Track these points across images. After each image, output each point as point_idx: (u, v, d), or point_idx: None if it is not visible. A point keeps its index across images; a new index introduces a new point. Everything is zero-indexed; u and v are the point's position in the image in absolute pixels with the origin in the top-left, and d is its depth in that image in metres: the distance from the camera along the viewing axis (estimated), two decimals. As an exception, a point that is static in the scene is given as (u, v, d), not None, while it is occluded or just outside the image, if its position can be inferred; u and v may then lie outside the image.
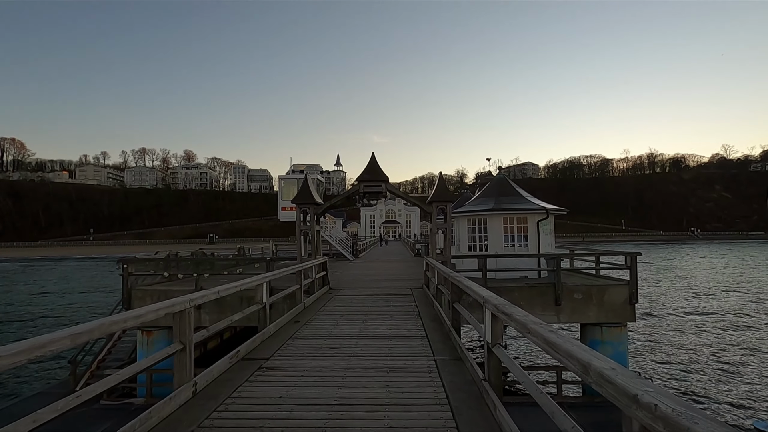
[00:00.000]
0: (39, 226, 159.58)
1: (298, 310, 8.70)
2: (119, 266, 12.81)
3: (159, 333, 12.91)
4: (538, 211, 14.90)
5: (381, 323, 7.59)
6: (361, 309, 9.12)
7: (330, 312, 8.86)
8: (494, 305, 3.65)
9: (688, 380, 13.37)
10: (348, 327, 7.31)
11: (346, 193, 11.93)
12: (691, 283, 33.59)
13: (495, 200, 15.67)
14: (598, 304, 12.55)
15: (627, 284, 12.57)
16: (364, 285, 13.76)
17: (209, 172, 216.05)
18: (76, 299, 30.61)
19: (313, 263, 10.67)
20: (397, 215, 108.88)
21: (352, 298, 10.73)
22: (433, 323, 7.47)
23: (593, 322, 12.54)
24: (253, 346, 5.81)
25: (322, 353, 5.62)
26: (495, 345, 3.84)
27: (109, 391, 13.10)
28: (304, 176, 12.02)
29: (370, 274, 18.02)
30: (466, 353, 5.07)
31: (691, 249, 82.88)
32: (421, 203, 12.02)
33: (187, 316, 4.07)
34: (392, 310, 8.86)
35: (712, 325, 19.72)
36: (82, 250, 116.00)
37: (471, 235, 15.87)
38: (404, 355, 5.46)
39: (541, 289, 12.63)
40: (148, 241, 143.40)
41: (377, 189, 11.67)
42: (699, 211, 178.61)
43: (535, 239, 14.97)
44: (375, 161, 11.89)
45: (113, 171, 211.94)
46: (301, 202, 11.75)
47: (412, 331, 6.90)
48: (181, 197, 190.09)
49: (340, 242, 28.76)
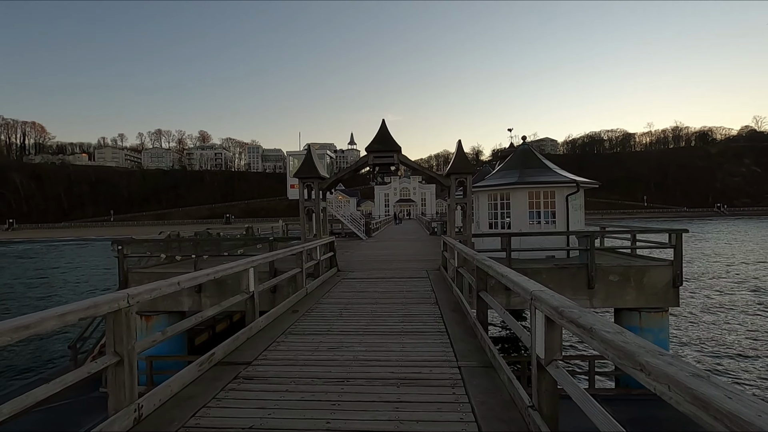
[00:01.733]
0: (62, 208, 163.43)
1: (298, 297, 7.65)
2: (114, 248, 12.01)
3: (158, 318, 12.16)
4: (568, 184, 13.45)
5: (392, 313, 6.48)
6: (370, 295, 8.03)
7: (335, 299, 7.79)
8: (554, 307, 2.45)
9: (743, 371, 11.97)
10: (353, 319, 6.22)
11: (354, 165, 10.71)
12: (729, 260, 31.63)
13: (519, 173, 14.24)
14: (636, 287, 11.23)
15: (671, 265, 11.19)
16: (375, 266, 12.68)
17: (224, 153, 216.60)
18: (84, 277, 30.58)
19: (318, 243, 9.59)
20: (412, 193, 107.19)
21: (361, 282, 9.65)
22: (453, 314, 6.33)
23: (631, 306, 11.26)
24: (234, 345, 4.76)
25: (317, 356, 4.54)
26: (551, 362, 2.67)
27: (107, 379, 12.60)
28: (308, 148, 10.82)
29: (383, 254, 16.94)
30: (500, 360, 3.91)
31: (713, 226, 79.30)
32: (438, 177, 10.73)
33: (124, 319, 2.99)
34: (406, 297, 7.75)
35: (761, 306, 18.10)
36: (103, 231, 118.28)
37: (492, 211, 14.55)
38: (420, 360, 4.33)
39: (572, 271, 11.35)
40: (166, 221, 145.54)
41: (388, 160, 10.41)
42: (726, 186, 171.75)
43: (564, 215, 13.57)
44: (386, 130, 10.59)
45: (131, 153, 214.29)
46: (304, 176, 10.59)
47: (428, 324, 5.77)
48: (197, 178, 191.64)
49: (352, 221, 27.72)
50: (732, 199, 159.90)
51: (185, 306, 12.06)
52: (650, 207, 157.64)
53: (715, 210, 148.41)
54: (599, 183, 14.45)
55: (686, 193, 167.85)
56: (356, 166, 10.66)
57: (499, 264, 4.37)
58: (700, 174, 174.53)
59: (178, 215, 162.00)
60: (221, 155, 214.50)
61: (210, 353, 4.26)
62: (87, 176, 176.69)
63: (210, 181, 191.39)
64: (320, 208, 10.70)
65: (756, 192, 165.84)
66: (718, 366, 12.30)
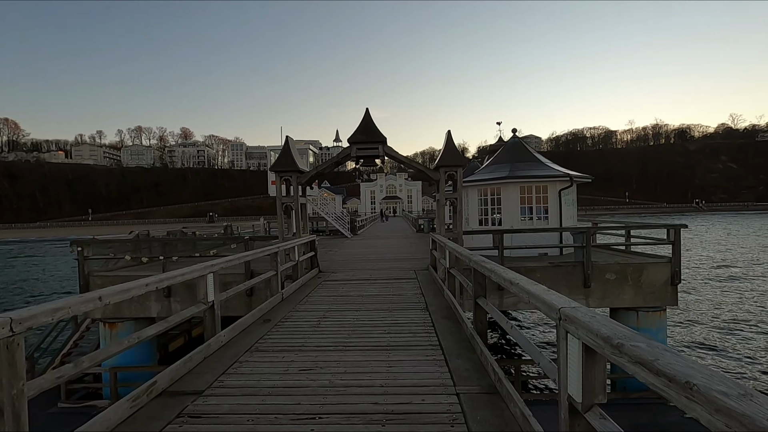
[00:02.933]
0: (37, 207, 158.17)
1: (272, 304, 6.83)
2: (73, 249, 10.97)
3: (123, 325, 11.19)
4: (561, 179, 12.87)
5: (377, 322, 5.72)
6: (353, 300, 7.25)
7: (314, 305, 6.99)
8: (603, 337, 1.72)
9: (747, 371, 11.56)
10: (333, 329, 5.44)
11: (335, 157, 9.90)
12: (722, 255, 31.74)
13: (510, 167, 13.61)
14: (634, 286, 10.71)
15: (669, 262, 10.69)
16: (360, 267, 11.90)
17: (207, 150, 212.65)
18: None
19: (296, 243, 8.76)
20: (398, 190, 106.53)
21: (343, 285, 8.86)
22: (446, 322, 5.59)
23: (628, 306, 10.74)
24: (186, 368, 3.94)
25: (286, 380, 3.75)
26: (590, 409, 1.94)
27: (68, 392, 11.55)
28: (286, 140, 9.96)
29: (368, 252, 16.16)
30: (508, 385, 3.19)
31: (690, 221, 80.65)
32: (426, 170, 9.99)
33: (5, 354, 2.16)
34: (392, 302, 6.99)
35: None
36: (81, 230, 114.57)
37: (482, 207, 13.91)
38: (410, 384, 3.58)
39: (567, 269, 10.77)
40: (147, 220, 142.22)
41: (373, 152, 9.62)
42: (704, 182, 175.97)
43: (557, 211, 13.00)
44: (370, 119, 9.80)
45: (109, 150, 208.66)
46: (281, 169, 9.74)
47: (419, 336, 5.02)
48: (179, 176, 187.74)
49: (336, 218, 26.86)
50: (710, 195, 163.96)
51: (153, 312, 11.11)
52: (632, 203, 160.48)
53: (694, 206, 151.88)
54: (591, 177, 13.93)
55: (666, 189, 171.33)
56: (338, 158, 9.84)
57: (504, 268, 3.65)
58: (680, 170, 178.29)
59: (160, 214, 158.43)
60: (204, 153, 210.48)
61: (151, 381, 3.43)
62: (63, 174, 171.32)
63: (193, 179, 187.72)
64: (299, 205, 9.85)
65: (732, 188, 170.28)
66: (721, 365, 11.88)
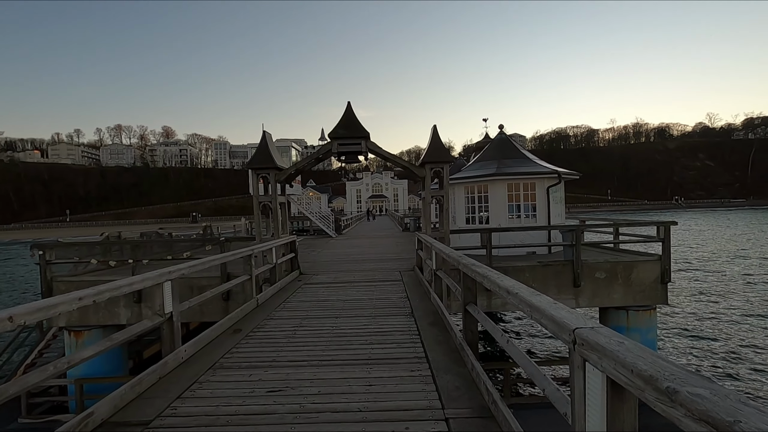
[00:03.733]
0: (11, 208, 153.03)
1: (245, 311, 6.29)
2: (33, 253, 10.21)
3: (90, 333, 10.49)
4: (549, 175, 12.59)
5: (359, 331, 5.24)
6: (333, 305, 6.76)
7: (290, 311, 6.47)
8: (645, 377, 1.28)
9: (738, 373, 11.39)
10: (309, 340, 4.95)
11: (315, 153, 9.37)
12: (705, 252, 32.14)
13: (497, 164, 13.29)
14: (624, 284, 10.47)
15: (659, 260, 10.48)
16: (343, 268, 11.41)
17: (190, 149, 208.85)
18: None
19: (274, 244, 8.22)
20: (384, 189, 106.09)
21: (324, 288, 8.36)
22: (433, 329, 5.15)
23: (618, 305, 10.50)
24: (135, 392, 3.40)
25: (250, 406, 3.25)
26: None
27: (30, 407, 10.79)
28: (263, 135, 9.39)
29: (353, 252, 15.67)
30: (503, 408, 2.76)
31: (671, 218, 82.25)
32: (411, 167, 9.55)
33: None
34: (376, 307, 6.53)
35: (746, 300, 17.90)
36: (59, 232, 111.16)
37: (469, 205, 13.56)
38: (392, 408, 3.12)
39: (557, 268, 10.47)
40: (128, 221, 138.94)
41: (355, 148, 9.13)
42: (683, 179, 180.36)
43: (545, 208, 12.72)
44: (352, 113, 9.30)
45: (88, 149, 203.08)
46: (258, 166, 9.17)
47: (403, 346, 4.57)
48: (161, 175, 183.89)
49: (321, 218, 26.28)
50: (688, 192, 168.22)
51: (123, 319, 10.44)
52: (614, 200, 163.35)
53: (674, 203, 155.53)
54: (579, 174, 13.70)
55: (647, 186, 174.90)
56: (318, 155, 9.31)
57: (499, 274, 3.21)
58: (660, 168, 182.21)
59: (141, 214, 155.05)
60: (186, 152, 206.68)
61: (87, 413, 2.90)
62: (39, 174, 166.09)
63: (175, 178, 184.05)
64: (278, 204, 9.31)
65: (709, 185, 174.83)
66: (708, 366, 11.75)
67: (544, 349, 13.34)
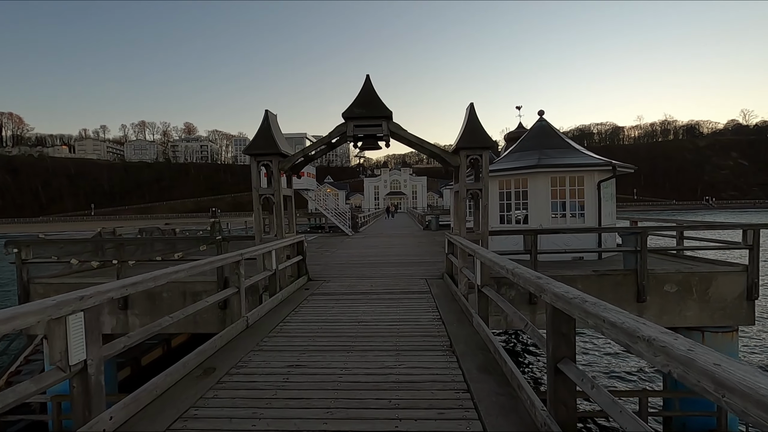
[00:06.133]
0: (39, 201, 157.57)
1: (227, 338, 4.76)
2: (8, 251, 8.99)
3: (71, 343, 9.21)
4: (601, 168, 10.73)
5: (378, 378, 3.64)
6: (345, 331, 5.17)
7: (288, 339, 4.91)
8: None
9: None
10: (306, 395, 3.36)
11: (326, 137, 7.78)
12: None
13: (538, 154, 11.48)
14: (699, 300, 8.58)
15: (744, 271, 8.55)
16: (358, 272, 9.84)
17: (210, 145, 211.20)
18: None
19: (272, 246, 6.68)
20: (403, 186, 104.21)
21: (335, 302, 6.78)
22: (488, 382, 3.50)
23: (692, 325, 8.62)
24: None
25: None
26: None
27: (5, 425, 9.61)
28: (265, 115, 7.87)
29: (371, 253, 14.09)
30: None
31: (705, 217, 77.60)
32: (443, 154, 7.87)
33: None
34: (401, 334, 4.92)
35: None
36: (83, 225, 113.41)
37: (503, 202, 11.81)
38: None
39: (616, 279, 8.66)
40: (150, 215, 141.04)
41: (375, 130, 7.52)
42: (714, 179, 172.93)
43: (595, 207, 10.87)
44: (371, 89, 7.69)
45: (113, 145, 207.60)
46: (258, 152, 7.66)
47: (446, 414, 2.95)
48: (182, 171, 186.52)
49: (336, 214, 24.81)
50: (720, 192, 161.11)
51: (107, 327, 9.14)
52: (640, 200, 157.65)
53: (704, 203, 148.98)
54: (635, 167, 11.76)
55: (675, 186, 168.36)
56: (330, 138, 7.71)
57: (634, 318, 1.57)
58: (689, 167, 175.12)
59: (162, 209, 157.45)
60: (207, 147, 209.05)
61: None
62: (66, 169, 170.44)
63: (195, 174, 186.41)
64: (281, 197, 7.78)
65: (743, 185, 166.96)
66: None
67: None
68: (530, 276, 3.00)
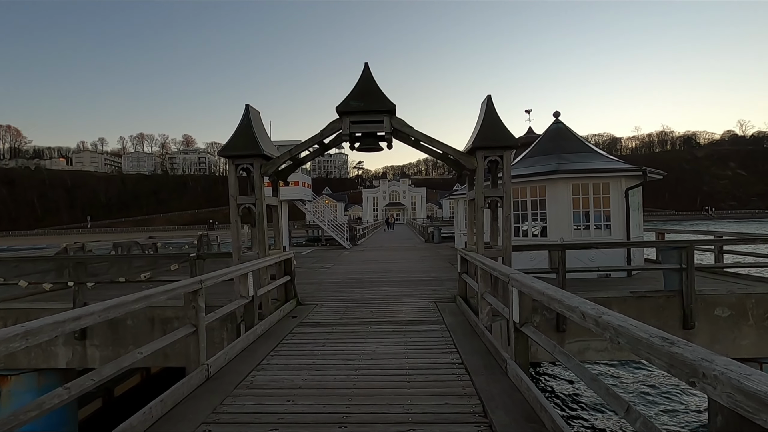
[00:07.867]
0: (35, 214, 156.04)
1: (176, 398, 3.46)
2: (-54, 271, 7.71)
3: (19, 380, 7.85)
4: (630, 173, 9.55)
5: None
6: (337, 382, 3.87)
7: (257, 400, 3.59)
8: None
9: None
10: None
11: (318, 136, 6.57)
12: None
13: (557, 159, 10.30)
14: (757, 326, 7.31)
15: (808, 291, 7.32)
16: (357, 294, 8.55)
17: (208, 157, 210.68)
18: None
19: (247, 268, 5.40)
20: (402, 197, 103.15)
21: (327, 336, 5.48)
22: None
23: (748, 356, 7.33)
24: None
25: None
26: None
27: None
28: (245, 110, 6.68)
29: (370, 270, 12.80)
30: None
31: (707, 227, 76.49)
32: (456, 155, 6.65)
33: None
34: (412, 390, 3.63)
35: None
36: (80, 237, 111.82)
37: (517, 212, 10.59)
38: None
39: (657, 301, 7.39)
40: (147, 228, 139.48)
41: (375, 126, 6.32)
42: (713, 189, 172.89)
43: (622, 217, 9.66)
44: (371, 79, 6.51)
45: (110, 157, 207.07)
46: (236, 153, 6.43)
47: None
48: (179, 183, 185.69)
49: (333, 226, 23.55)
50: (719, 202, 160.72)
51: (62, 361, 7.82)
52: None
53: (704, 213, 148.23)
54: (663, 173, 10.58)
55: (674, 196, 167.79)
56: (322, 137, 6.50)
57: None
58: (688, 177, 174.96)
59: (160, 221, 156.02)
60: (205, 159, 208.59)
61: None
62: (63, 181, 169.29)
63: (193, 185, 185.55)
64: (264, 206, 6.53)
65: (742, 195, 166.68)
66: None
67: None
68: (647, 338, 1.73)
